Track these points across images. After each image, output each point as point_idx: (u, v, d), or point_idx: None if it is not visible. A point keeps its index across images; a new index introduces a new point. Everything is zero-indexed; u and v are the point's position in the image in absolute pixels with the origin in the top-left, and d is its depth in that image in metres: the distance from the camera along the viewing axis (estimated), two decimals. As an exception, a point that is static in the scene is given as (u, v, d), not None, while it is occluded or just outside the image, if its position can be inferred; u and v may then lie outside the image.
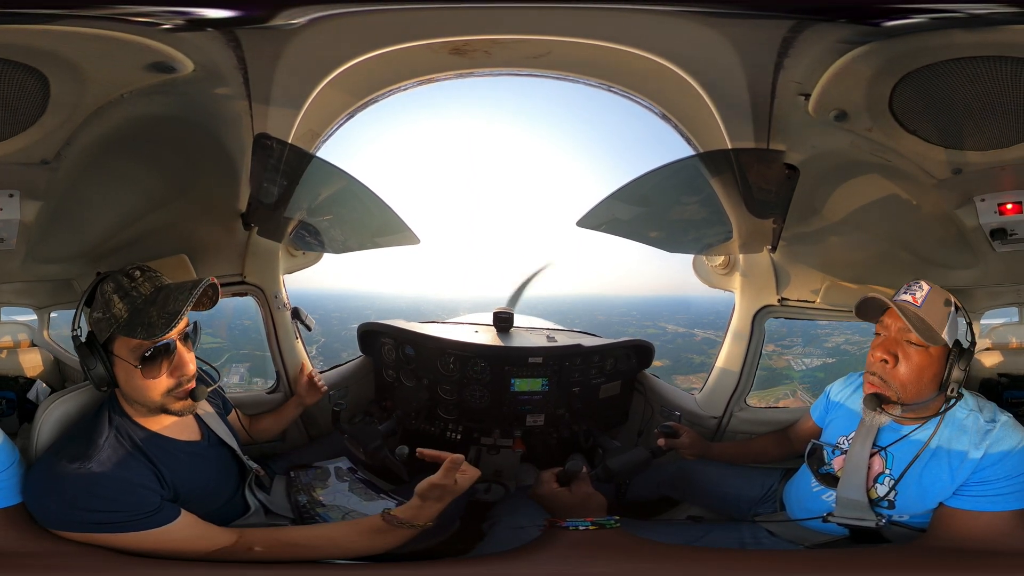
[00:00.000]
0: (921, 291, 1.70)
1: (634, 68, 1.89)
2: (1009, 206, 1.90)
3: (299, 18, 1.50)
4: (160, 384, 1.61)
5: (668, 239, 2.63)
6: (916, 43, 1.48)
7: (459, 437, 2.65)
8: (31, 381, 2.35)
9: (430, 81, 2.04)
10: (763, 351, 2.60)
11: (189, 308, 1.56)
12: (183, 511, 1.57)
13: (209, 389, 1.75)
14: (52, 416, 1.66)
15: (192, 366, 1.65)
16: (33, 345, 2.40)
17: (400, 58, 1.83)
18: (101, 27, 1.40)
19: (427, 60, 1.91)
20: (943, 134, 1.74)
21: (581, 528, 1.62)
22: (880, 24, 1.46)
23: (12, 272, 1.99)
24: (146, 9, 1.37)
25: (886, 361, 1.66)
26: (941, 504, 1.63)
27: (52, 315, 2.38)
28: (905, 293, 1.72)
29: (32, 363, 2.38)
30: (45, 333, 2.38)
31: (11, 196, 1.74)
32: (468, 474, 1.70)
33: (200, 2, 1.38)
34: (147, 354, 1.58)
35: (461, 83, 2.05)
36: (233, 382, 1.95)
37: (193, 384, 1.67)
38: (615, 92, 2.08)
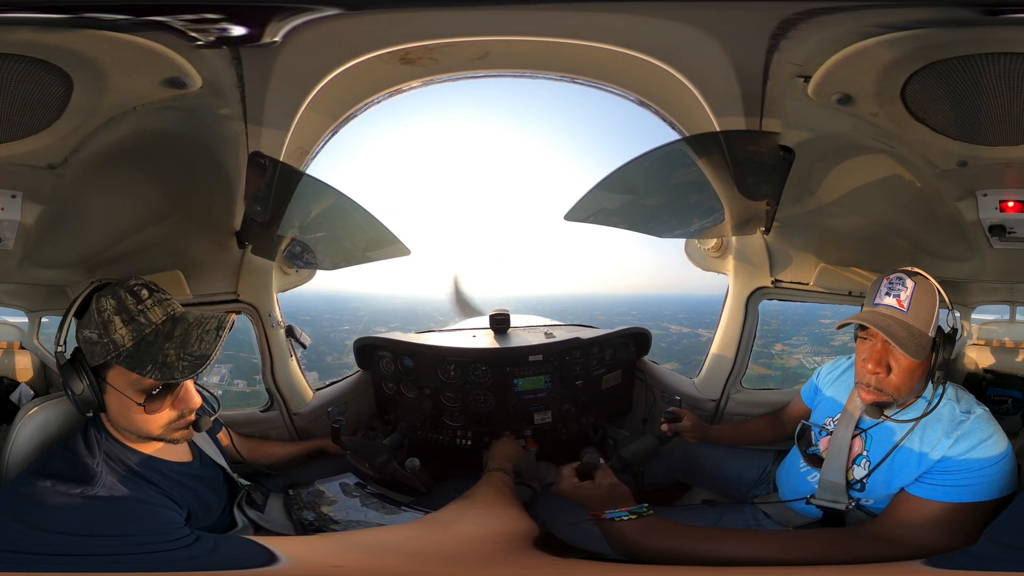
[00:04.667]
0: (905, 290, 1.72)
1: (596, 58, 1.92)
2: (1011, 204, 1.93)
3: (279, 34, 1.57)
4: (161, 418, 1.55)
5: (659, 225, 2.70)
6: (959, 35, 1.50)
7: (469, 443, 2.72)
8: (16, 383, 2.35)
9: (397, 92, 2.10)
10: (772, 351, 2.66)
11: (218, 352, 1.50)
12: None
13: (212, 419, 1.71)
14: (32, 421, 1.66)
15: (197, 398, 1.60)
16: (22, 348, 2.39)
17: (363, 73, 1.89)
18: (147, 36, 1.47)
19: (385, 72, 1.97)
20: (954, 125, 1.75)
21: (625, 519, 1.69)
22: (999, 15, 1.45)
23: (7, 273, 2.01)
24: (195, 25, 1.42)
25: (878, 373, 1.71)
26: (901, 489, 1.68)
27: (43, 320, 2.38)
28: (888, 295, 1.73)
29: (18, 366, 2.39)
30: (34, 338, 2.36)
31: (13, 197, 1.76)
32: None
33: (222, 19, 1.42)
34: (153, 391, 1.51)
35: (426, 91, 2.11)
36: (213, 382, 1.93)
37: (194, 416, 1.61)
38: (580, 83, 2.10)
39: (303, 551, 1.57)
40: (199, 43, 1.49)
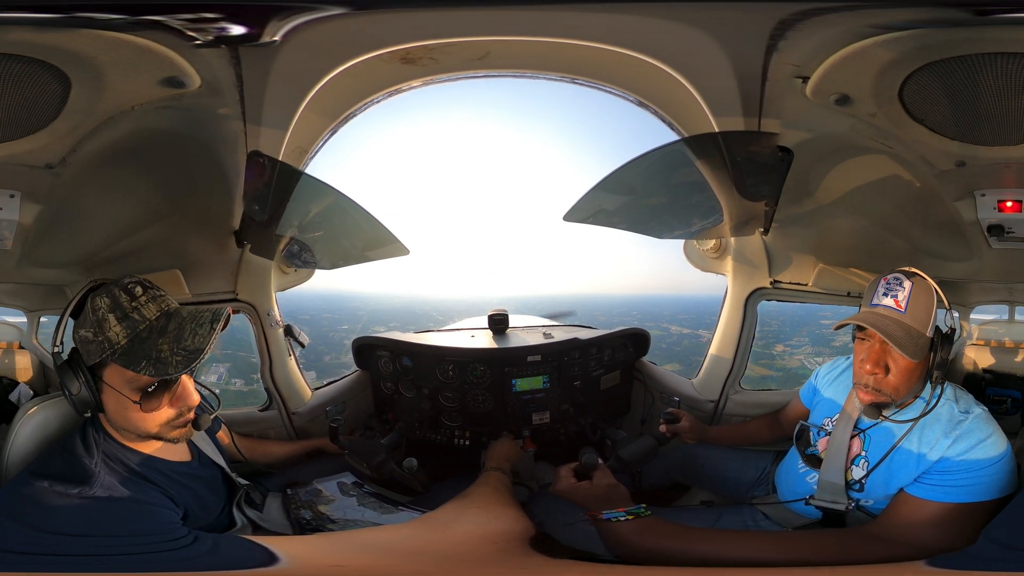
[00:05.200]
0: (903, 291, 1.72)
1: (596, 59, 1.92)
2: (1009, 204, 1.93)
3: (278, 33, 1.57)
4: (159, 416, 1.54)
5: (658, 226, 2.71)
6: (956, 35, 1.50)
7: (467, 443, 2.72)
8: (15, 383, 2.36)
9: (397, 92, 2.11)
10: (773, 352, 2.65)
11: (213, 345, 1.48)
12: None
13: (211, 417, 1.71)
14: (31, 420, 1.66)
15: (195, 396, 1.58)
16: (21, 348, 2.40)
17: (363, 72, 1.89)
18: (144, 35, 1.47)
19: (386, 72, 1.97)
20: (952, 125, 1.76)
21: (622, 519, 1.69)
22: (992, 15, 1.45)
23: (6, 272, 2.02)
24: (193, 25, 1.42)
25: (876, 373, 1.71)
26: (901, 490, 1.68)
27: (42, 319, 2.38)
28: (886, 295, 1.73)
29: (18, 365, 2.39)
30: (33, 338, 2.37)
31: (12, 197, 1.76)
32: None
33: (220, 18, 1.42)
34: (149, 389, 1.50)
35: (426, 91, 2.12)
36: (210, 381, 1.92)
37: (193, 415, 1.60)
38: (580, 84, 2.10)
39: (301, 551, 1.56)
40: (197, 42, 1.49)
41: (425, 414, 2.78)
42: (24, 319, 2.39)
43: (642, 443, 2.29)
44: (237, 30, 1.49)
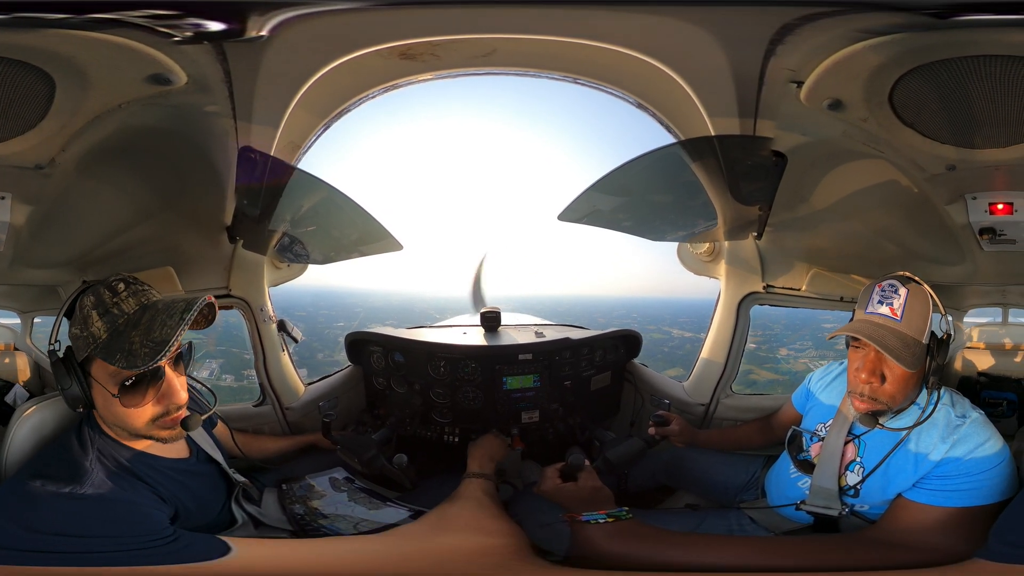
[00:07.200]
0: (899, 298, 1.69)
1: (599, 59, 1.92)
2: (1000, 206, 1.92)
3: (264, 28, 1.55)
4: (144, 413, 1.53)
5: (652, 228, 2.68)
6: (940, 38, 1.49)
7: (456, 440, 2.71)
8: (11, 384, 2.38)
9: (393, 87, 2.10)
10: (777, 355, 2.64)
11: (181, 336, 1.47)
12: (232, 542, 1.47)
13: (203, 417, 1.67)
14: (28, 422, 1.66)
15: (183, 394, 1.56)
16: (16, 349, 2.41)
17: (359, 68, 1.89)
18: (119, 34, 1.46)
19: (383, 67, 1.97)
20: (942, 129, 1.76)
21: (601, 521, 1.67)
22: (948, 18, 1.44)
23: None
24: (168, 22, 1.42)
25: (872, 382, 1.69)
26: (899, 495, 1.67)
27: (36, 320, 2.40)
28: (881, 303, 1.71)
29: (13, 367, 2.42)
30: (28, 339, 2.37)
31: (3, 198, 1.77)
32: None
33: (199, 15, 1.41)
34: (127, 383, 1.49)
35: (425, 86, 2.11)
36: (203, 376, 1.92)
37: (183, 413, 1.58)
38: (581, 84, 2.10)
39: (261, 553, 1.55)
40: (176, 39, 1.48)
41: (416, 410, 2.77)
42: (18, 320, 2.40)
43: (630, 445, 2.27)
44: (215, 26, 1.47)
